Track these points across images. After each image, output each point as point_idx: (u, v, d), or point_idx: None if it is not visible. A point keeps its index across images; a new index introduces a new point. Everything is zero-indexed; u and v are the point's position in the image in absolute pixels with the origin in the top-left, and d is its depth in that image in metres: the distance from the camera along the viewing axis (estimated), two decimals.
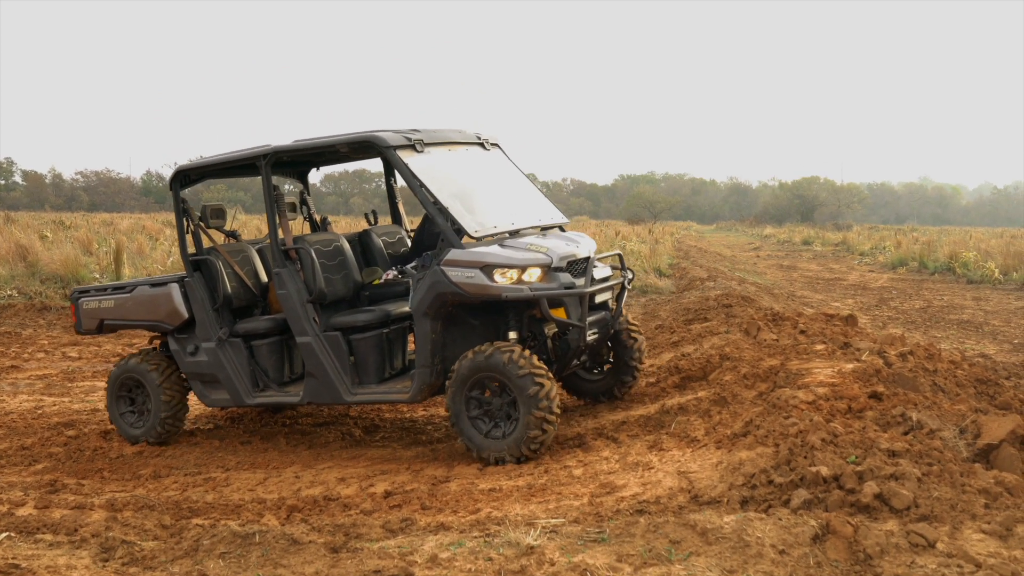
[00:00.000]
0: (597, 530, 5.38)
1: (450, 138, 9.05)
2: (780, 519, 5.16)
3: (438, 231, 8.13)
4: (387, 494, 7.29)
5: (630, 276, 8.77)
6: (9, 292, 18.55)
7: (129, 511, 6.96)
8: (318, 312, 8.76)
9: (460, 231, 7.96)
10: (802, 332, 11.04)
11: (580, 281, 8.03)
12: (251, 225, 45.22)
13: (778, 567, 4.77)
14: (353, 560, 4.89)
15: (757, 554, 4.81)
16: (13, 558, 5.62)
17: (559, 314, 7.99)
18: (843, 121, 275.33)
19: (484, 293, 7.73)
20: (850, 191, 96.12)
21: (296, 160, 9.58)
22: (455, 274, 7.77)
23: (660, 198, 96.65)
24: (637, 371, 9.37)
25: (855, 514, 5.42)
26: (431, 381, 8.17)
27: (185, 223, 9.29)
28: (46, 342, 15.25)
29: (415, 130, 8.59)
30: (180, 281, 9.27)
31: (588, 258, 8.29)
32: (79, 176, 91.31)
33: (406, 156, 8.21)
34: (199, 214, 9.26)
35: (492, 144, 9.56)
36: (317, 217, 10.43)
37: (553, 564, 4.90)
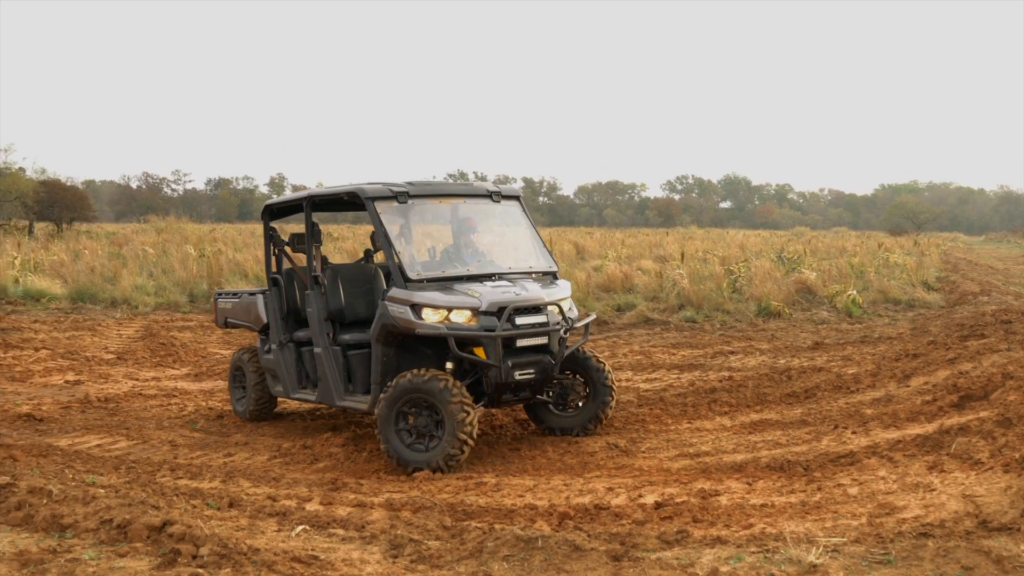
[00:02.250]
0: (882, 552, 5.22)
1: (446, 191, 10.17)
2: None
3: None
4: (657, 505, 7.28)
5: (565, 326, 9.32)
6: None
7: (407, 511, 7.21)
8: (334, 329, 10.12)
9: (404, 274, 9.05)
10: None
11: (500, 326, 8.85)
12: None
13: None
14: (635, 569, 4.92)
15: None
16: (312, 549, 5.94)
17: (479, 353, 8.94)
18: None
19: (409, 327, 8.92)
20: None
21: (325, 203, 10.60)
22: (393, 309, 9.02)
23: (924, 208, 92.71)
24: (613, 396, 10.08)
25: None
26: (381, 396, 9.02)
27: (271, 247, 11.03)
28: None
29: (410, 183, 9.76)
30: (264, 293, 11.08)
31: (526, 307, 9.05)
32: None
33: (384, 206, 9.49)
34: (286, 240, 10.69)
35: (506, 197, 10.37)
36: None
37: None
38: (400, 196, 9.55)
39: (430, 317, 8.81)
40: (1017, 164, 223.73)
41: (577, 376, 10.11)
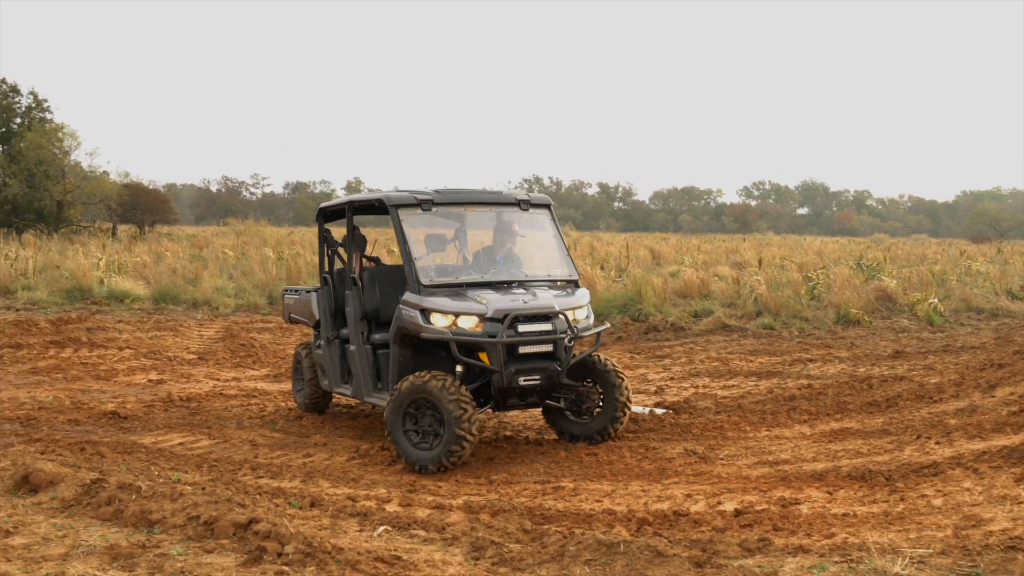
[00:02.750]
0: (969, 564, 5.15)
1: (472, 199, 10.46)
2: None
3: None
4: (737, 513, 7.24)
5: (570, 335, 9.36)
6: None
7: (486, 514, 7.24)
8: (369, 328, 10.54)
9: (418, 279, 9.45)
10: None
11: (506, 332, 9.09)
12: (583, 242, 46.10)
13: None
14: None
15: None
16: (394, 550, 6.00)
17: (484, 358, 9.20)
18: None
19: (417, 331, 9.29)
20: None
21: (363, 208, 11.01)
22: (405, 313, 9.46)
23: (1008, 215, 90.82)
24: (626, 409, 10.00)
25: None
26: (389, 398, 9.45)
27: (324, 248, 11.42)
28: None
29: (437, 191, 10.14)
30: (317, 291, 11.44)
31: (531, 315, 9.21)
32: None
33: (407, 214, 9.87)
34: (340, 242, 11.18)
35: (535, 205, 10.59)
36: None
37: None
38: (424, 204, 9.93)
39: (438, 322, 9.17)
40: None
41: (595, 384, 10.13)
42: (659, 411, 11.48)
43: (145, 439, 10.12)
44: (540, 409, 10.28)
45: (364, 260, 11.31)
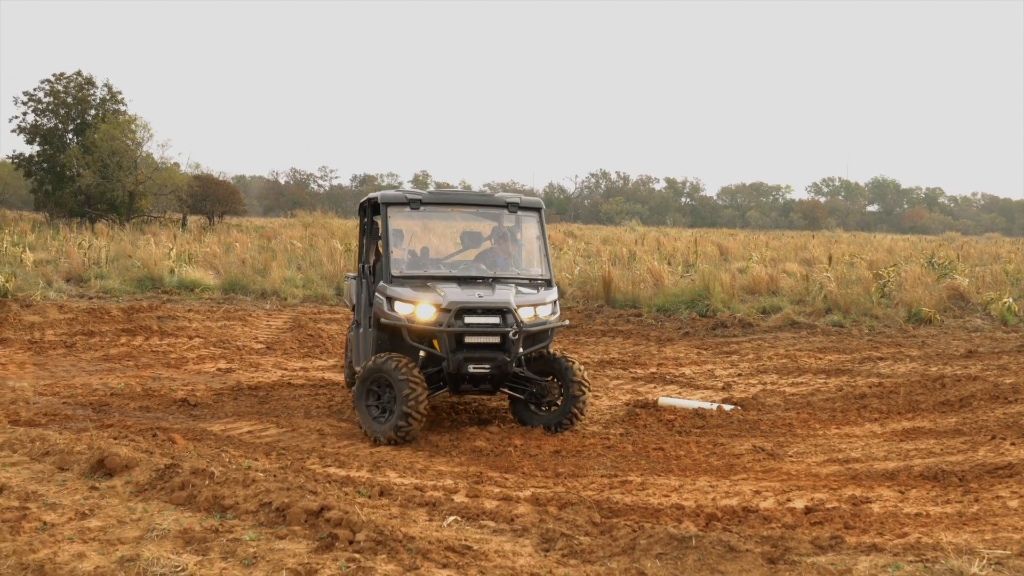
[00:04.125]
0: None
1: (463, 199, 11.61)
2: None
3: None
4: (807, 510, 7.17)
5: (515, 329, 9.99)
6: None
7: (554, 507, 7.23)
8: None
9: (389, 271, 10.43)
10: None
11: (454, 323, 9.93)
12: (649, 237, 45.91)
13: None
14: (792, 572, 4.85)
15: None
16: (464, 540, 6.01)
17: (436, 345, 10.07)
18: None
19: (382, 316, 10.25)
20: None
21: (374, 206, 11.40)
22: (377, 300, 10.49)
23: None
24: (583, 390, 10.48)
25: None
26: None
27: (363, 239, 11.97)
28: None
29: (431, 192, 11.17)
30: (356, 278, 12.02)
31: (480, 308, 9.98)
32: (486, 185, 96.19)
33: (395, 212, 10.87)
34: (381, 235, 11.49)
35: (524, 208, 11.27)
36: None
37: None
38: (413, 203, 10.88)
39: (401, 310, 10.09)
40: None
41: (554, 379, 10.67)
42: (727, 407, 11.39)
43: (214, 427, 10.24)
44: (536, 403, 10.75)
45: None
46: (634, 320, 20.23)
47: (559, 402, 10.62)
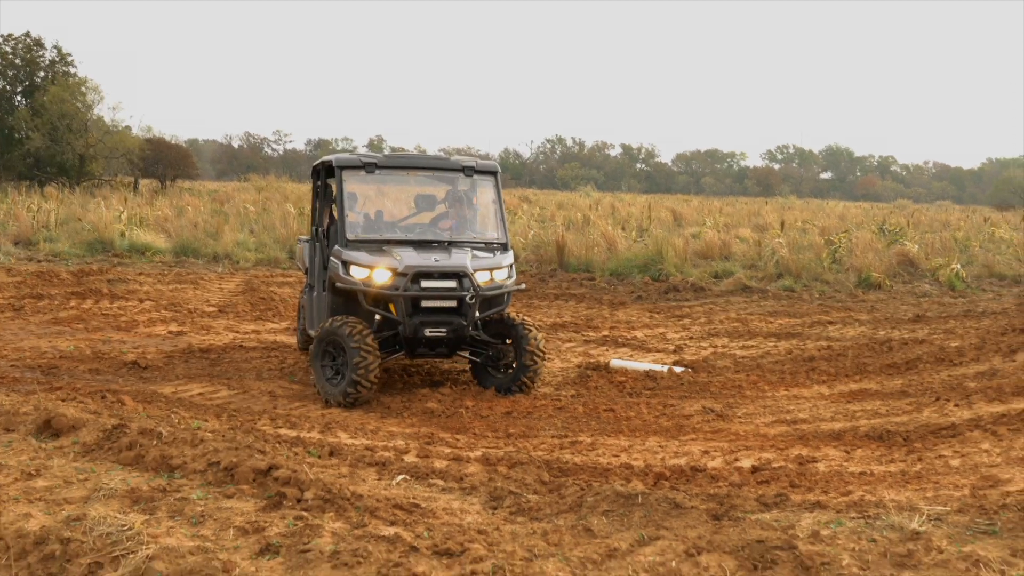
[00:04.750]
0: (987, 522, 5.14)
1: (418, 163, 11.28)
2: None
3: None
4: (754, 469, 7.25)
5: (471, 293, 9.98)
6: None
7: (504, 466, 7.26)
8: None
9: (344, 235, 10.30)
10: None
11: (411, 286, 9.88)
12: (604, 202, 46.00)
13: None
14: (735, 529, 4.91)
15: None
16: (413, 498, 6.02)
17: (392, 309, 10.03)
18: None
19: (337, 281, 10.25)
20: None
21: (327, 169, 11.27)
22: (332, 264, 10.41)
23: None
24: (536, 359, 10.37)
25: None
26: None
27: (316, 202, 11.78)
28: None
29: (386, 155, 11.05)
30: (310, 241, 11.88)
31: (436, 272, 9.94)
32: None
33: (351, 175, 10.69)
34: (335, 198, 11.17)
35: (480, 172, 11.13)
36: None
37: (942, 552, 4.72)
38: (368, 166, 10.72)
39: (356, 274, 10.03)
40: None
41: (510, 343, 10.62)
42: (678, 369, 11.48)
43: (165, 389, 10.18)
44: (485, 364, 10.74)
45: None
46: (587, 284, 20.32)
47: (514, 365, 10.59)
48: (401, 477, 6.71)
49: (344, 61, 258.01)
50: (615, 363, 11.75)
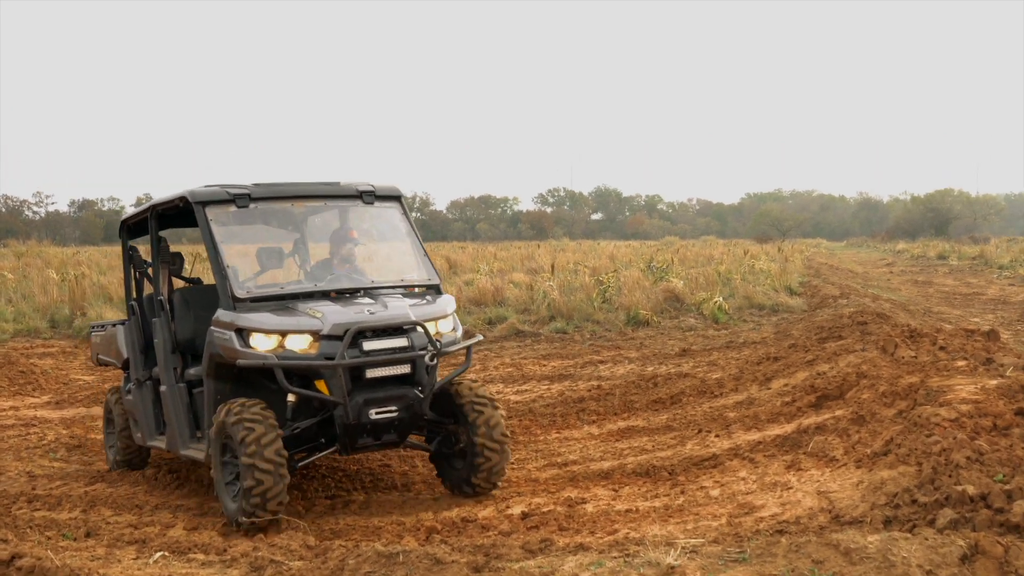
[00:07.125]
0: (738, 550, 5.34)
1: (302, 192, 8.53)
2: (926, 539, 5.04)
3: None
4: (524, 515, 7.36)
5: (432, 352, 7.58)
6: None
7: (271, 534, 7.12)
8: (184, 362, 8.63)
9: (232, 292, 7.58)
10: (941, 348, 10.81)
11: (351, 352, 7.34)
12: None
13: None
14: None
15: (904, 574, 4.71)
16: (169, 575, 5.84)
17: (320, 386, 7.43)
18: (977, 129, 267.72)
19: (233, 357, 7.39)
20: (986, 202, 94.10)
21: (171, 214, 8.95)
22: (219, 336, 7.55)
23: (788, 215, 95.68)
24: (489, 451, 7.90)
25: (1005, 534, 5.28)
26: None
27: (131, 269, 9.60)
28: None
29: (257, 184, 8.24)
30: (124, 324, 9.62)
31: (380, 328, 7.46)
32: None
33: (217, 212, 7.96)
34: (150, 261, 9.07)
35: (381, 198, 8.70)
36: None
37: None
38: (239, 199, 8.01)
39: (260, 344, 7.33)
40: (874, 171, 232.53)
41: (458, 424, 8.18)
42: None
43: None
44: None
45: (184, 282, 9.84)
46: None
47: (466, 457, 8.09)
48: (159, 554, 6.49)
49: (107, 119, 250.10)
50: None
